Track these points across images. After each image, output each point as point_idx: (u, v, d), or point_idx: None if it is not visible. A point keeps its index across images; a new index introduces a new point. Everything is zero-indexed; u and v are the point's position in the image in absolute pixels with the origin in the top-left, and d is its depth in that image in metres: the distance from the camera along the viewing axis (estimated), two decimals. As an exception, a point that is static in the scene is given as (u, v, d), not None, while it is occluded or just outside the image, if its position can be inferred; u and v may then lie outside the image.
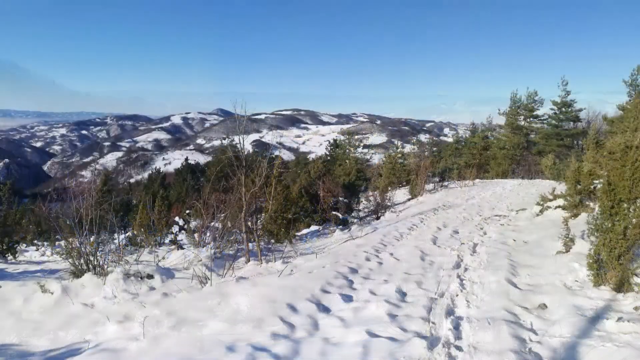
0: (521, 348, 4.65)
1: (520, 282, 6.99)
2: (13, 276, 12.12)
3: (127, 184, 68.94)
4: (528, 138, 41.48)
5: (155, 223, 17.86)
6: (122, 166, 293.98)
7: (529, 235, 10.96)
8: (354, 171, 22.28)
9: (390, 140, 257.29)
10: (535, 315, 5.54)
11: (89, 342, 5.67)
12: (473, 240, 11.11)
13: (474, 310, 5.93)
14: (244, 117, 10.91)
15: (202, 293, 7.54)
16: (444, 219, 15.19)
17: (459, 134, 52.29)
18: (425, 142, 44.16)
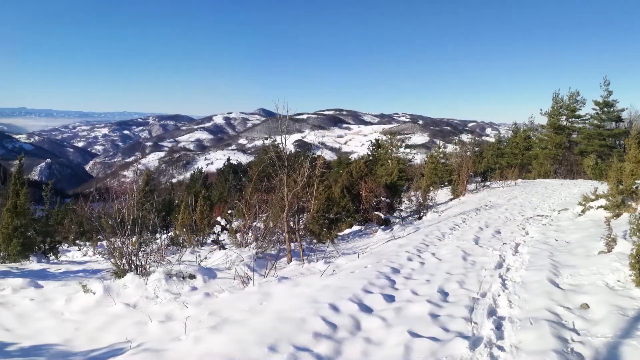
0: (563, 348, 4.63)
1: (562, 282, 6.94)
2: (55, 276, 12.38)
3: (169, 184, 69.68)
4: (570, 138, 41.29)
5: (197, 223, 18.05)
6: (164, 166, 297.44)
7: (571, 235, 10.89)
8: (396, 171, 22.20)
9: (432, 140, 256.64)
10: (577, 315, 5.51)
11: (130, 342, 5.77)
12: (515, 240, 11.11)
13: (516, 310, 5.92)
14: (286, 117, 11.01)
15: (244, 293, 7.64)
16: (486, 219, 15.22)
17: (501, 134, 52.02)
18: (467, 142, 43.82)
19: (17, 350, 5.97)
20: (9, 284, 10.32)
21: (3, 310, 7.94)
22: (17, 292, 9.53)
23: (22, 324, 7.18)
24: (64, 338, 6.38)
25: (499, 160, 41.71)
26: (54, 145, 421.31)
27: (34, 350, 5.96)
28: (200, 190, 27.88)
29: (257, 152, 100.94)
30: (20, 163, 17.42)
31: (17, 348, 6.03)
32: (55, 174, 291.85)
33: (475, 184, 29.11)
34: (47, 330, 6.79)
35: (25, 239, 15.97)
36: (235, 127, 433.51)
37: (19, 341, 6.28)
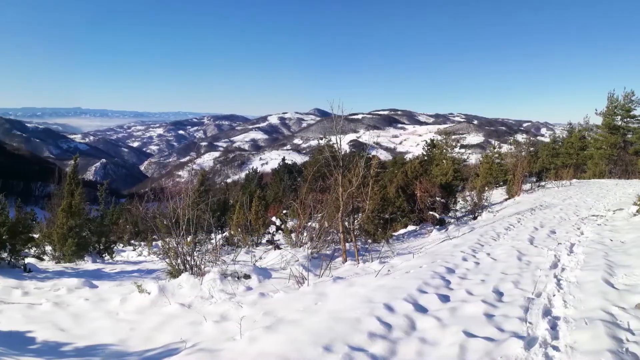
0: (618, 348, 4.54)
1: (617, 282, 6.82)
2: (110, 276, 12.61)
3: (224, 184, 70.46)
4: (625, 138, 40.71)
5: (252, 223, 18.17)
6: (219, 166, 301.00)
7: (626, 235, 10.72)
8: (451, 171, 22.12)
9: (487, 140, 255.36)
10: (632, 315, 5.40)
11: (185, 342, 5.83)
12: (570, 240, 10.99)
13: (571, 310, 5.84)
14: (341, 117, 11.01)
15: (299, 293, 7.68)
16: (540, 219, 15.12)
17: (556, 134, 51.45)
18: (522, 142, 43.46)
19: (72, 350, 6.09)
20: (64, 284, 10.54)
21: (58, 310, 8.12)
22: (72, 292, 9.72)
23: (77, 324, 7.32)
24: (118, 338, 6.49)
25: (553, 160, 41.41)
26: (108, 145, 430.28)
27: (89, 350, 6.07)
28: (255, 190, 28.10)
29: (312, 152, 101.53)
30: (75, 163, 17.73)
31: (72, 348, 6.15)
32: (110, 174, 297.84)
33: (530, 184, 29.22)
34: (102, 330, 6.92)
35: (80, 239, 16.26)
36: (290, 127, 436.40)
37: (73, 341, 6.41)
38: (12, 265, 13.40)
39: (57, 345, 6.25)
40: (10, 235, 13.20)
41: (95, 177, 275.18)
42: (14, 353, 5.75)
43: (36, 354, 5.90)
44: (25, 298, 9.37)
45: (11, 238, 13.28)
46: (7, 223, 13.28)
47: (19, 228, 13.54)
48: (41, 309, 8.28)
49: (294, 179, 38.11)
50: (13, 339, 6.40)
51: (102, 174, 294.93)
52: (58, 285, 10.58)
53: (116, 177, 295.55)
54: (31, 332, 6.78)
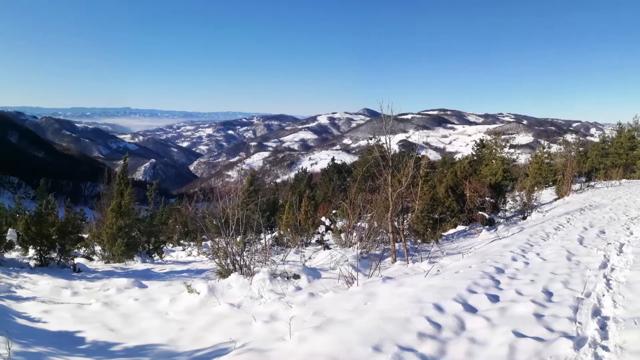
0: None
1: None
2: (160, 276, 12.75)
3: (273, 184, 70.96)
4: None
5: (302, 223, 18.22)
6: (269, 166, 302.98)
7: None
8: (501, 171, 21.97)
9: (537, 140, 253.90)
10: None
11: (235, 342, 5.86)
12: (619, 240, 10.91)
13: (621, 310, 5.78)
14: (391, 117, 11.05)
15: (348, 293, 7.70)
16: (590, 219, 15.05)
17: (605, 134, 50.65)
18: (571, 142, 42.91)
19: (122, 350, 6.17)
20: (114, 284, 10.69)
21: (107, 310, 8.24)
22: (121, 292, 9.85)
23: (127, 324, 7.42)
24: (168, 338, 6.56)
25: (603, 160, 40.77)
26: (158, 145, 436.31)
27: (138, 350, 6.14)
28: (305, 190, 28.20)
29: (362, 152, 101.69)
30: (125, 163, 17.98)
31: (121, 348, 6.23)
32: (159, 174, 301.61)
33: (580, 184, 29.18)
34: (152, 330, 7.01)
35: (129, 239, 16.48)
36: (339, 127, 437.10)
37: (123, 341, 6.49)
38: (61, 265, 13.63)
39: (107, 345, 6.33)
40: (59, 236, 13.43)
41: (145, 177, 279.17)
42: (63, 353, 5.83)
43: (85, 354, 5.98)
44: (74, 298, 9.52)
45: (61, 238, 13.51)
46: (57, 223, 13.52)
47: (69, 228, 13.78)
48: (91, 309, 8.40)
49: (343, 179, 38.15)
50: (63, 339, 6.50)
51: (152, 174, 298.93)
52: (107, 285, 10.74)
53: (165, 177, 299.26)
54: (81, 332, 6.89)
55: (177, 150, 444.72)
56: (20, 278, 11.66)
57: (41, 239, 13.37)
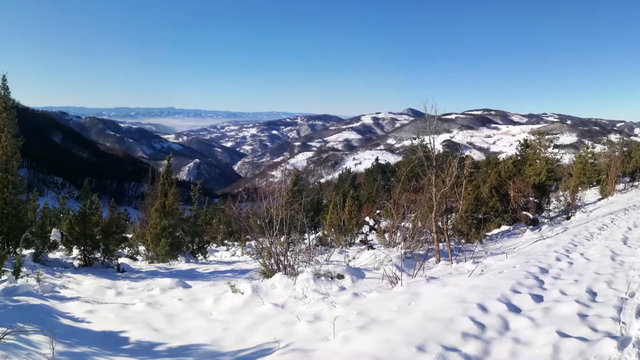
0: None
1: None
2: (204, 276, 12.87)
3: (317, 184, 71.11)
4: None
5: (346, 223, 18.22)
6: (313, 166, 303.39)
7: None
8: (544, 171, 21.80)
9: (580, 140, 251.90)
10: None
11: (279, 342, 5.90)
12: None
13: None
14: (434, 117, 11.12)
15: (392, 293, 7.71)
16: (634, 219, 15.01)
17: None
18: (615, 142, 42.27)
19: (166, 350, 6.24)
20: (158, 284, 10.82)
21: (151, 310, 8.34)
22: (165, 292, 9.96)
23: (171, 324, 7.51)
24: (212, 338, 6.62)
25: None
26: (202, 145, 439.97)
27: (182, 350, 6.21)
28: (349, 190, 28.21)
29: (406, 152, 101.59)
30: (169, 163, 18.15)
31: (165, 348, 6.30)
32: (203, 174, 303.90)
33: (624, 184, 29.42)
34: (196, 330, 7.08)
35: (173, 239, 16.64)
36: (383, 127, 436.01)
37: (167, 341, 6.57)
38: (105, 265, 13.82)
39: (151, 345, 6.41)
40: (103, 235, 13.62)
41: (189, 177, 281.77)
42: (107, 353, 5.91)
43: (129, 354, 6.07)
44: (118, 298, 9.66)
45: (104, 238, 13.70)
46: (101, 223, 13.71)
47: (112, 228, 13.96)
48: (134, 309, 8.52)
49: (387, 179, 38.06)
50: (106, 339, 6.59)
51: (196, 174, 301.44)
52: (151, 285, 10.87)
53: (209, 177, 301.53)
54: (125, 332, 7.00)
55: (221, 150, 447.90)
56: (64, 278, 11.86)
57: (85, 239, 13.57)
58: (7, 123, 13.05)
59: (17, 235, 12.86)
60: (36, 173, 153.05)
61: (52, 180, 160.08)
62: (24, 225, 13.42)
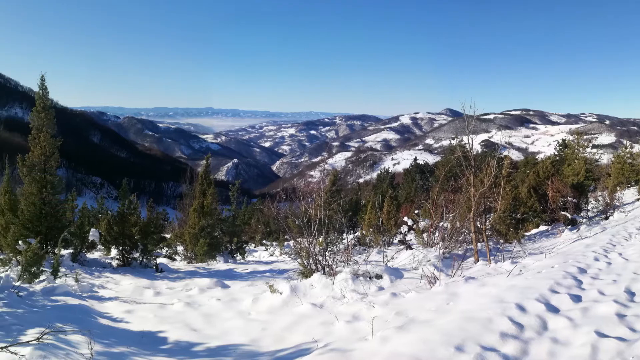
0: None
1: None
2: (242, 276, 12.94)
3: (355, 184, 71.11)
4: None
5: (384, 223, 18.20)
6: (351, 166, 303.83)
7: None
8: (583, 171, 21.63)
9: (619, 140, 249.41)
10: None
11: (317, 342, 5.92)
12: None
13: None
14: (473, 117, 11.08)
15: (430, 293, 7.68)
16: None
17: None
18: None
19: (204, 350, 6.29)
20: (196, 284, 10.91)
21: (190, 310, 8.43)
22: (203, 292, 10.05)
23: (209, 324, 7.58)
24: (250, 338, 6.67)
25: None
26: (240, 145, 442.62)
27: (221, 350, 6.26)
28: (387, 190, 28.18)
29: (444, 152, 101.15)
30: (207, 163, 18.28)
31: (204, 348, 6.36)
32: (242, 174, 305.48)
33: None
34: (234, 330, 7.15)
35: (211, 239, 16.75)
36: (421, 127, 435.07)
37: (205, 341, 6.63)
38: (144, 265, 13.97)
39: (189, 345, 6.47)
40: (142, 235, 13.77)
41: (227, 177, 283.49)
42: (146, 353, 5.98)
43: (168, 354, 6.13)
44: (157, 298, 9.77)
45: (143, 238, 13.84)
46: (139, 223, 13.86)
47: (151, 228, 14.11)
48: (173, 309, 8.61)
49: (426, 179, 38.02)
50: (145, 339, 6.67)
51: (234, 174, 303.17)
52: (190, 285, 10.97)
53: (248, 177, 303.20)
54: (163, 332, 7.08)
55: (260, 150, 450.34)
56: (103, 278, 12.03)
57: (123, 239, 13.73)
58: (45, 123, 13.24)
59: (56, 235, 13.05)
60: (75, 173, 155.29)
61: (90, 180, 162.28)
62: (63, 225, 13.62)
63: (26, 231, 13.00)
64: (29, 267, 10.12)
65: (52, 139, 13.29)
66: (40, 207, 13.23)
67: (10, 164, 16.32)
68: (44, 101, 13.28)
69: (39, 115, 13.22)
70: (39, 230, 13.17)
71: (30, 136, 13.38)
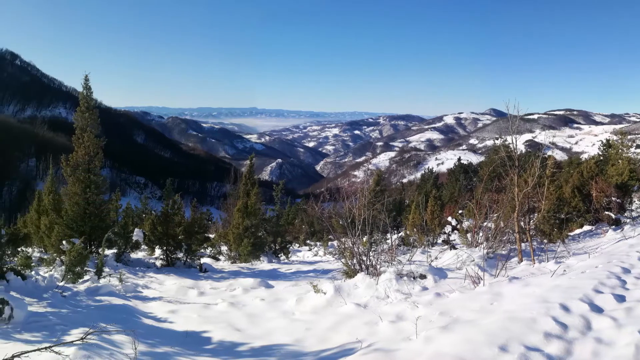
0: None
1: None
2: (286, 276, 12.98)
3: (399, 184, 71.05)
4: None
5: (428, 223, 18.14)
6: (395, 166, 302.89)
7: None
8: (627, 171, 21.30)
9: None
10: None
11: (361, 342, 5.94)
12: None
13: None
14: (517, 117, 11.03)
15: (474, 293, 7.66)
16: None
17: None
18: None
19: (248, 350, 6.34)
20: (240, 284, 10.98)
21: (234, 311, 8.49)
22: (247, 292, 10.11)
23: (253, 324, 7.64)
24: (294, 338, 6.71)
25: None
26: (284, 145, 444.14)
27: (265, 350, 6.30)
28: (431, 190, 28.10)
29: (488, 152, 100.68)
30: (251, 163, 18.38)
31: (247, 348, 6.41)
32: (285, 174, 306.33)
33: None
34: (278, 330, 7.19)
35: (255, 239, 16.82)
36: (465, 127, 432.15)
37: (249, 341, 6.68)
38: (188, 265, 14.08)
39: (233, 345, 6.52)
40: (186, 236, 13.88)
41: (271, 177, 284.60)
42: (190, 353, 6.04)
43: (212, 354, 6.18)
44: (201, 298, 9.86)
45: (187, 238, 13.95)
46: (183, 223, 13.97)
47: (195, 228, 14.21)
48: (217, 309, 8.69)
49: (470, 179, 37.80)
50: (189, 339, 6.74)
51: (278, 174, 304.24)
52: (234, 285, 11.04)
53: (292, 177, 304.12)
54: (207, 332, 7.16)
55: (304, 150, 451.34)
56: (147, 278, 12.17)
57: (167, 239, 13.86)
58: (89, 123, 13.43)
59: (100, 235, 13.23)
60: (119, 173, 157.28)
61: (134, 180, 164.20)
62: (107, 225, 13.80)
63: (70, 231, 13.20)
64: (72, 267, 10.26)
65: (95, 139, 13.47)
66: (84, 207, 13.42)
67: (54, 164, 16.60)
68: (87, 101, 13.47)
69: (82, 115, 13.41)
70: (82, 230, 13.36)
71: (74, 136, 13.58)
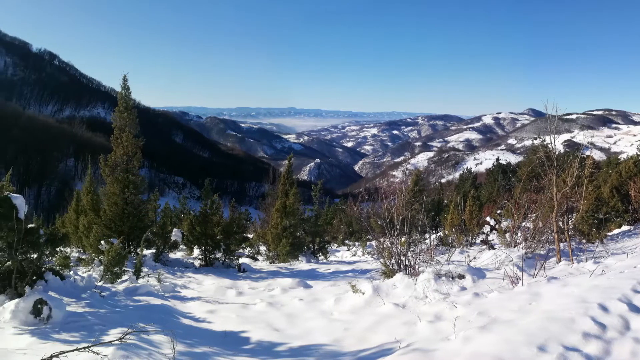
0: None
1: None
2: (324, 276, 13.00)
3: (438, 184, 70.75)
4: None
5: (466, 223, 18.06)
6: (433, 166, 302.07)
7: None
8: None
9: None
10: None
11: (399, 342, 5.92)
12: None
13: None
14: (555, 117, 11.01)
15: (513, 293, 7.61)
16: None
17: None
18: None
19: (286, 350, 6.37)
20: (278, 284, 11.02)
21: (272, 311, 8.54)
22: (286, 292, 10.14)
23: (291, 324, 7.68)
24: (333, 338, 6.73)
25: None
26: (322, 145, 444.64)
27: (303, 350, 6.33)
28: (470, 190, 28.01)
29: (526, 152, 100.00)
30: (290, 163, 18.43)
31: (286, 348, 6.44)
32: (324, 174, 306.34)
33: None
34: (316, 330, 7.22)
35: (294, 239, 16.87)
36: (504, 127, 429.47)
37: (288, 341, 6.71)
38: (226, 265, 14.16)
39: (271, 345, 6.56)
40: (224, 236, 13.96)
41: (309, 177, 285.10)
42: (228, 353, 6.08)
43: (250, 354, 6.22)
44: (239, 298, 9.92)
45: (225, 238, 14.04)
46: (222, 223, 14.06)
47: (233, 228, 14.29)
48: (255, 309, 8.74)
49: (508, 179, 37.61)
50: (227, 339, 6.78)
51: (316, 174, 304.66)
52: (272, 285, 11.10)
53: (330, 177, 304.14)
54: (245, 332, 7.20)
55: (342, 150, 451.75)
56: (185, 278, 12.27)
57: (206, 239, 13.96)
58: (128, 123, 13.58)
59: (138, 235, 13.37)
60: (157, 173, 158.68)
61: (172, 180, 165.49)
62: (145, 225, 13.94)
63: (108, 231, 13.36)
64: (111, 267, 10.38)
65: (134, 139, 13.61)
66: (123, 207, 13.57)
67: (92, 164, 16.81)
68: (126, 101, 13.63)
69: (121, 115, 13.57)
70: (121, 230, 13.52)
71: (112, 136, 13.74)
